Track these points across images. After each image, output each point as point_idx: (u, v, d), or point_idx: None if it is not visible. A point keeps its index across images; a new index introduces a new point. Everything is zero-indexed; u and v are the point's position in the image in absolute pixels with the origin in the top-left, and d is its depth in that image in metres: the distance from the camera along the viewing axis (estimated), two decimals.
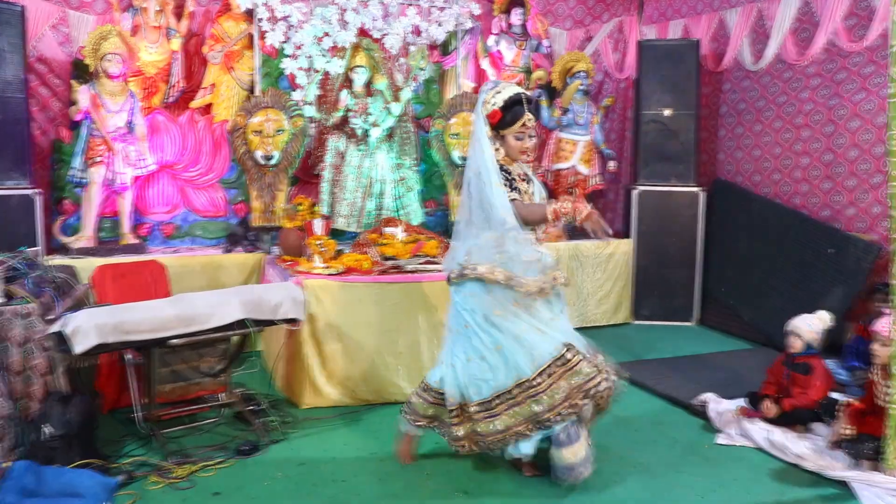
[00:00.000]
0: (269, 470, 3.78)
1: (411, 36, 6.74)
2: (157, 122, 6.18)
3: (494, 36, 7.53)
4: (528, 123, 3.46)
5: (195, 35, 6.67)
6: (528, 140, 3.50)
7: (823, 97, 6.54)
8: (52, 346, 3.58)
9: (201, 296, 4.06)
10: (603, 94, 8.21)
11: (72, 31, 6.23)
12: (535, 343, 3.42)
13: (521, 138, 3.48)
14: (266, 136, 5.96)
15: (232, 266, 5.89)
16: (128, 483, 3.50)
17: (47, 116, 6.15)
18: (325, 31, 6.31)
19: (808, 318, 4.44)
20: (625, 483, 3.72)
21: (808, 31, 6.40)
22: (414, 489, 3.61)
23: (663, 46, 7.29)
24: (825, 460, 3.90)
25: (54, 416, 3.49)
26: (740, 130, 7.48)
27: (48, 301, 3.86)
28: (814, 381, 4.33)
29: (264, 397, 4.63)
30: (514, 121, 3.44)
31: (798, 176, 6.81)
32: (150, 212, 6.24)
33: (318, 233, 5.27)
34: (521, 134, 3.47)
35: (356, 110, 6.29)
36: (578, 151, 7.32)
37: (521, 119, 3.44)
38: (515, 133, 3.47)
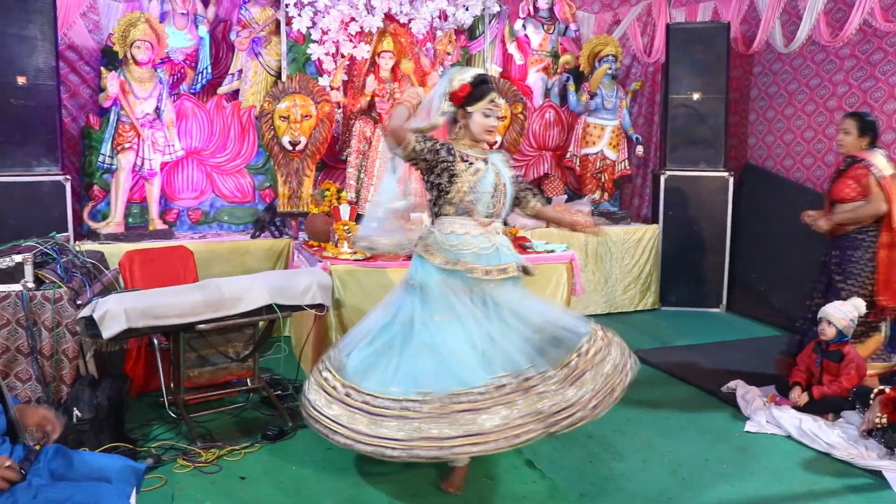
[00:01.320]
0: (295, 455, 3.80)
1: (438, 20, 6.71)
2: (185, 109, 6.20)
3: (521, 20, 7.48)
4: (497, 101, 3.38)
5: (222, 21, 6.70)
6: (493, 119, 3.39)
7: (858, 79, 6.42)
8: (82, 330, 3.60)
9: (228, 281, 4.07)
10: (631, 78, 8.13)
11: (101, 18, 6.28)
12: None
13: (488, 115, 3.35)
14: (293, 122, 5.96)
15: (259, 251, 5.92)
16: (155, 467, 3.55)
17: (77, 103, 6.21)
18: (351, 15, 6.30)
19: (841, 305, 4.37)
20: (653, 471, 3.70)
21: (843, 12, 6.27)
22: (440, 474, 3.60)
23: (692, 29, 7.19)
24: (857, 449, 3.85)
25: (84, 400, 3.53)
26: (771, 114, 7.37)
27: (78, 286, 3.90)
28: (846, 369, 4.27)
29: (291, 382, 4.65)
30: (483, 96, 3.33)
31: (831, 160, 6.70)
32: (178, 197, 6.28)
33: (345, 218, 5.27)
34: (488, 111, 3.35)
35: (383, 95, 6.28)
36: (606, 136, 7.25)
37: (489, 94, 3.34)
38: (483, 109, 3.34)
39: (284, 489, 3.44)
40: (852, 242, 4.58)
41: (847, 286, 4.56)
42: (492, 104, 3.35)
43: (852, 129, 4.58)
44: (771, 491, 3.52)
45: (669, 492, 3.48)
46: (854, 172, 4.54)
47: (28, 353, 3.65)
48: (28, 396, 3.66)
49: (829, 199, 4.71)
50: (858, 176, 4.51)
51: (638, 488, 3.51)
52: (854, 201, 4.53)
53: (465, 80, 3.35)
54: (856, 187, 4.52)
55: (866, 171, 4.49)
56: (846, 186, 4.55)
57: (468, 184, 3.31)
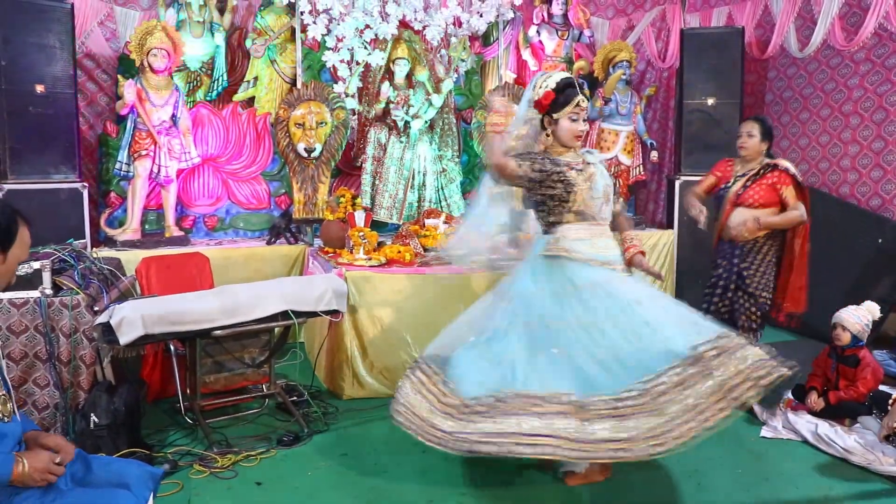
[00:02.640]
0: (311, 460, 3.82)
1: (452, 27, 6.72)
2: (201, 116, 6.25)
3: (535, 26, 7.48)
4: (582, 104, 3.36)
5: (238, 29, 6.75)
6: (581, 123, 3.39)
7: (873, 83, 6.39)
8: (99, 336, 3.64)
9: (244, 287, 4.10)
10: (645, 83, 8.12)
11: (118, 26, 6.35)
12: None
13: (575, 120, 3.36)
14: (308, 129, 5.99)
15: (274, 258, 5.95)
16: (172, 472, 3.57)
17: (94, 111, 6.28)
18: (366, 23, 6.32)
19: (856, 310, 4.35)
20: (669, 477, 3.68)
21: (858, 16, 6.25)
22: (455, 480, 3.61)
23: (707, 34, 7.17)
24: (874, 455, 3.82)
25: (101, 406, 3.56)
26: (786, 119, 7.34)
27: (95, 292, 3.93)
28: (862, 373, 4.25)
29: (306, 388, 4.67)
30: (568, 102, 3.33)
31: (846, 164, 6.67)
32: (194, 204, 6.33)
33: (360, 224, 5.29)
34: (574, 115, 3.35)
35: (397, 102, 6.30)
36: (620, 141, 7.24)
37: (574, 99, 3.33)
38: (569, 114, 3.35)
39: (300, 495, 3.45)
40: (760, 248, 4.48)
41: (757, 292, 4.48)
42: (577, 108, 3.36)
43: (756, 132, 4.51)
44: (787, 496, 3.50)
45: (685, 498, 3.47)
46: (771, 178, 4.43)
47: (46, 359, 3.68)
48: (46, 402, 3.69)
49: (735, 204, 4.50)
50: (776, 182, 4.41)
51: (653, 494, 3.50)
52: (766, 207, 4.40)
53: (548, 86, 3.37)
54: (772, 193, 4.40)
55: (786, 178, 4.40)
56: (763, 191, 4.42)
57: (586, 190, 3.37)
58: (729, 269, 4.56)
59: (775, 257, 4.51)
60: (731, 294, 4.56)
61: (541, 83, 3.41)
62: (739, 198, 4.48)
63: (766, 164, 4.48)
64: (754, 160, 4.55)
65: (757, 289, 4.48)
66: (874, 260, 5.91)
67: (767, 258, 4.49)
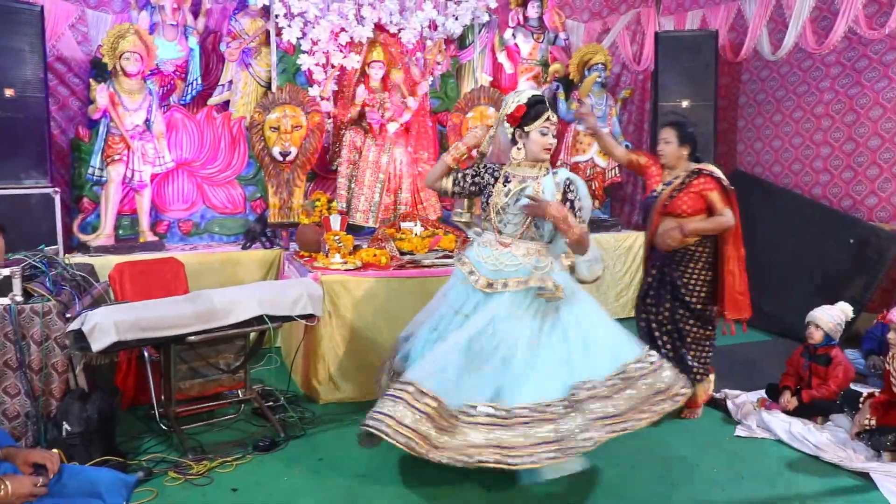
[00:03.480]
0: (287, 466, 3.79)
1: (428, 30, 6.73)
2: (175, 120, 6.21)
3: (511, 29, 7.51)
4: (552, 118, 3.48)
5: (212, 32, 6.73)
6: (550, 137, 3.49)
7: (844, 86, 6.47)
8: (71, 343, 3.60)
9: (219, 292, 4.07)
10: (620, 86, 8.17)
11: (90, 30, 6.30)
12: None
13: (545, 133, 3.46)
14: (283, 133, 5.97)
15: (250, 262, 5.92)
16: (146, 479, 3.53)
17: (66, 115, 6.22)
18: (341, 26, 6.31)
19: (829, 309, 4.40)
20: (644, 476, 3.70)
21: (828, 20, 6.33)
22: (433, 483, 3.60)
23: (681, 37, 7.23)
24: (845, 452, 3.88)
25: (73, 414, 3.52)
26: (759, 121, 7.42)
27: (67, 299, 3.89)
28: (834, 372, 4.30)
29: (283, 393, 4.65)
30: (538, 115, 3.44)
31: (819, 166, 6.75)
32: (169, 209, 6.28)
33: (336, 228, 5.28)
34: (545, 129, 3.46)
35: (373, 105, 6.29)
36: (596, 144, 7.27)
37: (545, 114, 3.45)
38: (540, 128, 3.45)
39: (276, 501, 3.43)
40: (692, 256, 4.34)
41: (691, 301, 4.36)
42: (547, 122, 3.47)
43: (672, 137, 4.35)
44: (761, 494, 3.53)
45: (660, 497, 3.49)
46: (698, 185, 4.28)
47: (17, 367, 3.63)
48: (17, 411, 3.64)
49: (663, 213, 4.33)
50: (703, 189, 4.26)
51: (629, 494, 3.52)
52: (695, 215, 4.27)
53: (520, 101, 3.48)
54: (700, 200, 4.26)
55: (711, 183, 4.28)
56: (690, 199, 4.27)
57: (500, 203, 3.49)
58: (661, 279, 4.44)
59: (709, 264, 4.36)
60: (667, 304, 4.42)
61: (513, 100, 3.52)
62: (667, 207, 4.33)
63: (692, 171, 4.32)
64: (678, 167, 4.39)
65: (691, 297, 4.36)
66: (846, 260, 5.98)
67: (700, 266, 4.35)
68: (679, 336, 4.42)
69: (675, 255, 4.37)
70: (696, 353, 4.44)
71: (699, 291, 4.36)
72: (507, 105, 3.53)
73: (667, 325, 4.44)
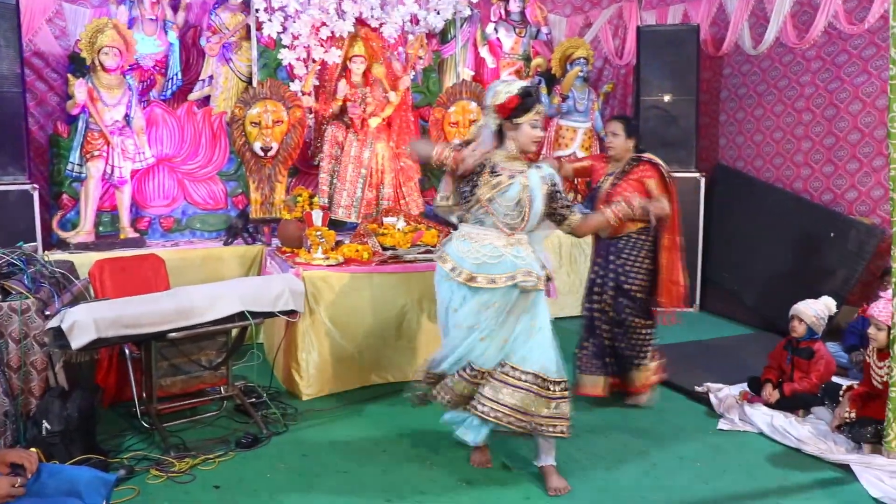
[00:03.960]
0: (270, 462, 3.78)
1: (409, 24, 6.70)
2: (155, 115, 6.15)
3: (493, 23, 7.50)
4: (541, 111, 3.48)
5: (192, 27, 6.66)
6: (540, 130, 3.48)
7: (824, 80, 6.51)
8: (50, 341, 3.56)
9: (200, 289, 4.05)
10: (603, 80, 8.18)
11: (68, 24, 6.22)
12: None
13: (535, 126, 3.44)
14: (264, 128, 5.93)
15: (231, 258, 5.88)
16: (128, 478, 3.51)
17: (44, 111, 6.15)
18: (322, 20, 6.27)
19: (812, 303, 4.43)
20: (627, 469, 3.72)
21: (808, 14, 6.36)
22: (416, 479, 3.60)
23: (663, 32, 7.25)
24: (826, 444, 3.91)
25: (53, 412, 3.48)
26: (741, 115, 7.45)
27: (46, 296, 3.85)
28: (816, 365, 4.33)
29: (265, 389, 4.62)
30: (530, 108, 3.40)
31: (800, 160, 6.78)
32: (149, 205, 6.22)
33: (318, 224, 5.24)
34: (535, 121, 3.43)
35: (354, 100, 6.26)
36: (578, 138, 7.29)
37: (536, 106, 3.43)
38: (531, 120, 3.42)
39: (259, 498, 3.42)
40: (634, 244, 4.46)
41: (632, 290, 4.47)
42: (538, 115, 3.45)
43: (620, 130, 4.53)
44: (744, 487, 3.56)
45: (644, 491, 3.51)
46: (638, 172, 4.45)
47: None
48: None
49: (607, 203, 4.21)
50: (642, 176, 4.42)
51: (612, 488, 3.53)
52: None
53: (512, 92, 3.41)
54: (640, 187, 4.39)
55: (651, 170, 4.44)
56: (630, 186, 4.39)
57: (487, 195, 3.42)
58: (605, 268, 4.54)
59: (651, 253, 4.47)
60: (611, 293, 4.51)
61: (503, 89, 3.44)
62: (609, 196, 4.41)
63: (633, 159, 4.52)
64: (623, 159, 4.56)
65: (631, 286, 4.46)
66: (827, 254, 6.03)
67: (642, 255, 4.46)
68: (619, 325, 4.52)
69: (618, 244, 4.49)
70: (635, 341, 4.53)
71: (640, 281, 4.48)
72: (496, 95, 3.44)
73: (609, 314, 4.54)
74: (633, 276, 4.46)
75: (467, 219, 3.53)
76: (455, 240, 3.57)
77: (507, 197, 3.41)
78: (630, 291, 4.46)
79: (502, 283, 3.39)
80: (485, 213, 3.45)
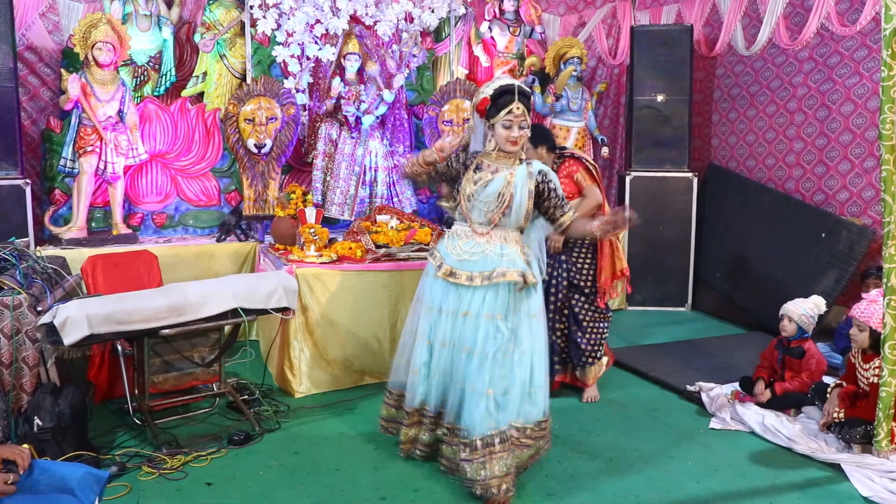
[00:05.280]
0: (262, 459, 3.78)
1: (404, 23, 6.69)
2: (149, 111, 6.14)
3: (487, 22, 7.51)
4: (515, 111, 3.35)
5: (186, 23, 6.65)
6: (515, 130, 3.38)
7: (816, 81, 6.53)
8: (42, 337, 3.55)
9: (193, 285, 4.04)
10: (596, 79, 8.19)
11: (61, 19, 6.20)
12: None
13: (508, 126, 3.36)
14: (258, 125, 5.92)
15: (224, 255, 5.87)
16: (120, 474, 3.50)
17: (37, 106, 6.13)
18: (316, 17, 6.26)
19: (802, 302, 4.45)
20: (619, 469, 3.73)
21: (801, 16, 6.39)
22: (408, 475, 3.60)
23: (657, 32, 7.27)
24: (817, 443, 3.93)
25: (45, 409, 3.47)
26: (734, 115, 7.47)
27: (38, 292, 3.84)
28: (807, 364, 4.35)
29: (258, 386, 4.62)
30: (501, 108, 3.35)
31: (792, 161, 6.81)
32: (142, 201, 6.21)
33: (311, 221, 5.25)
34: (507, 122, 3.35)
35: (348, 98, 6.26)
36: (572, 138, 7.30)
37: (508, 106, 3.34)
38: (502, 121, 3.36)
39: (251, 495, 3.42)
40: (582, 243, 4.57)
41: (582, 284, 4.59)
42: (509, 115, 3.35)
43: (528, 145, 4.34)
44: (735, 486, 3.56)
45: (636, 490, 3.51)
46: (565, 168, 4.51)
47: None
48: None
49: None
50: (570, 171, 4.50)
51: (604, 487, 3.54)
52: (571, 199, 4.43)
53: (486, 93, 3.41)
54: (570, 183, 4.48)
55: (576, 165, 4.51)
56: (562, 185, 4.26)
57: (468, 191, 3.44)
58: (557, 267, 4.61)
59: (593, 246, 4.59)
60: (564, 290, 4.61)
61: (483, 89, 3.46)
62: None
63: (557, 157, 4.57)
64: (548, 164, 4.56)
65: (580, 279, 4.58)
66: (818, 254, 6.05)
67: (587, 248, 4.58)
68: (574, 320, 4.60)
69: (567, 242, 4.58)
70: (590, 335, 4.62)
71: (587, 272, 4.58)
72: (477, 96, 3.48)
73: (564, 310, 4.63)
74: (581, 267, 4.58)
75: (456, 216, 3.56)
76: (446, 237, 3.60)
77: (487, 192, 3.39)
78: (579, 284, 4.58)
79: (479, 283, 3.38)
80: (469, 210, 3.46)
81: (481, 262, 3.41)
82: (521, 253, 3.46)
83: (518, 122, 3.38)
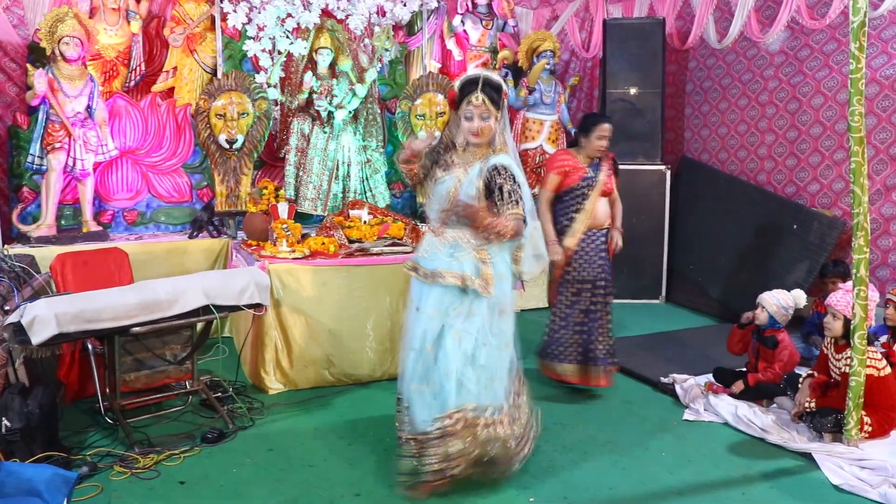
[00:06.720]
0: (236, 457, 3.75)
1: (376, 16, 6.65)
2: (118, 107, 6.06)
3: (460, 15, 7.49)
4: (475, 101, 3.26)
5: (156, 17, 6.56)
6: (476, 120, 3.28)
7: (787, 75, 6.59)
8: (10, 337, 3.49)
9: (164, 282, 4.00)
10: (569, 73, 8.21)
11: (27, 12, 6.08)
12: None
13: (469, 117, 3.29)
14: (229, 120, 5.87)
15: (197, 252, 5.82)
16: (91, 475, 3.46)
17: (3, 102, 6.02)
18: (288, 11, 6.20)
19: (778, 293, 4.49)
20: (594, 461, 3.74)
21: (772, 9, 6.43)
22: (383, 472, 3.59)
23: (629, 25, 7.29)
24: (789, 433, 3.97)
25: (13, 409, 3.42)
26: (706, 108, 7.51)
27: (5, 291, 3.79)
28: (780, 355, 4.40)
29: (231, 384, 4.59)
30: (462, 99, 3.30)
31: (763, 153, 6.86)
32: (113, 198, 6.13)
33: (284, 216, 5.21)
34: (468, 112, 3.28)
35: (320, 92, 6.21)
36: (545, 131, 7.30)
37: (467, 97, 3.27)
38: (463, 112, 3.30)
39: (224, 493, 3.39)
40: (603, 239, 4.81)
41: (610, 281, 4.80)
42: (469, 105, 3.28)
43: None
44: (708, 477, 3.59)
45: (611, 482, 3.53)
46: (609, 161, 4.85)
47: None
48: None
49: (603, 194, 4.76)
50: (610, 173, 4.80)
51: (579, 479, 3.55)
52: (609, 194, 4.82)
53: (455, 86, 3.37)
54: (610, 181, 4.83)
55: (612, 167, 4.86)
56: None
57: (429, 190, 3.45)
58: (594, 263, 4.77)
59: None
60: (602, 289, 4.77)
61: (455, 82, 3.46)
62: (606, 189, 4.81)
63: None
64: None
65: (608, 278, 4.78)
66: (790, 246, 6.11)
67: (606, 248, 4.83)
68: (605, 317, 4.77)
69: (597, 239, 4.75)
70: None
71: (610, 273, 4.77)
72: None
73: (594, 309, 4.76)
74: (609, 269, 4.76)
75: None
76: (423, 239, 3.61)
77: (438, 191, 3.38)
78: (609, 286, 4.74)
79: (428, 280, 3.35)
80: (428, 208, 3.48)
81: (433, 260, 3.38)
82: (474, 254, 3.31)
83: (479, 113, 3.28)
